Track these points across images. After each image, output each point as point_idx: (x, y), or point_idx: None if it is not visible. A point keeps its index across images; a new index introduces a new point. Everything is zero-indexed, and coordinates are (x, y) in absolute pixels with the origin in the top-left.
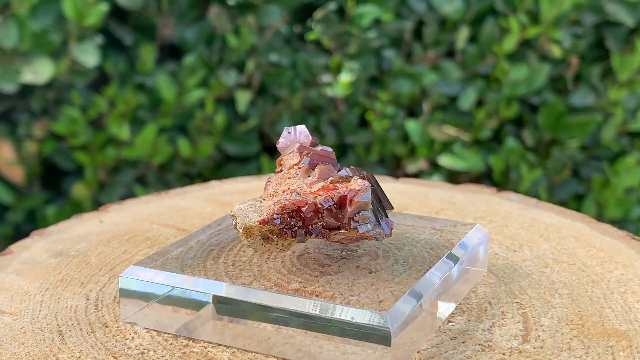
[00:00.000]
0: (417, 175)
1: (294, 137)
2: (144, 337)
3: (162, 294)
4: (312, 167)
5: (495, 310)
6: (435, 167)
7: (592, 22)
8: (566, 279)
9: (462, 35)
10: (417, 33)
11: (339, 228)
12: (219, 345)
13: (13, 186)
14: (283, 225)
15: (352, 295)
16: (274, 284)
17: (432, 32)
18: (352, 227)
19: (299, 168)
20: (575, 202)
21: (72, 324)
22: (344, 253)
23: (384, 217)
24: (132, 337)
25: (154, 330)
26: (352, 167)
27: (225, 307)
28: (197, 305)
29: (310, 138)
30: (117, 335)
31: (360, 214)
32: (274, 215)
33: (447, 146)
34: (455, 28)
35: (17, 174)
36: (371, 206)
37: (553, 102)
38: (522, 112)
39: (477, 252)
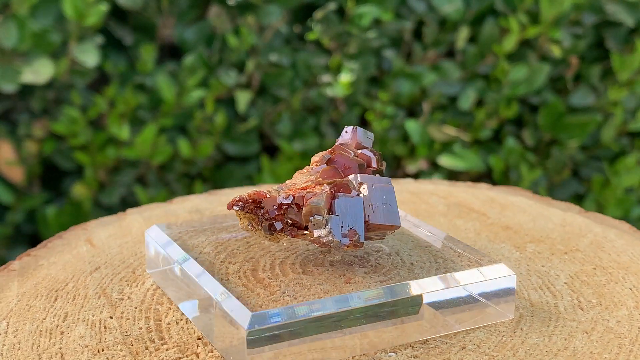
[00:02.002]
0: (417, 175)
1: (350, 137)
2: (144, 287)
3: (162, 258)
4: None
5: (456, 356)
6: (435, 167)
7: (592, 22)
8: (587, 349)
9: (462, 35)
10: (417, 33)
11: (306, 228)
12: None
13: (13, 186)
14: (258, 216)
15: (289, 296)
16: (251, 269)
17: (432, 32)
18: (310, 229)
19: (316, 165)
20: (575, 202)
21: (113, 264)
22: (322, 256)
23: (352, 229)
24: (135, 286)
25: (158, 286)
26: (373, 172)
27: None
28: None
29: (356, 139)
30: (129, 280)
31: (314, 217)
32: (234, 203)
33: (447, 146)
34: (455, 28)
35: (17, 174)
36: (335, 214)
37: (553, 102)
38: (522, 112)
39: (492, 292)
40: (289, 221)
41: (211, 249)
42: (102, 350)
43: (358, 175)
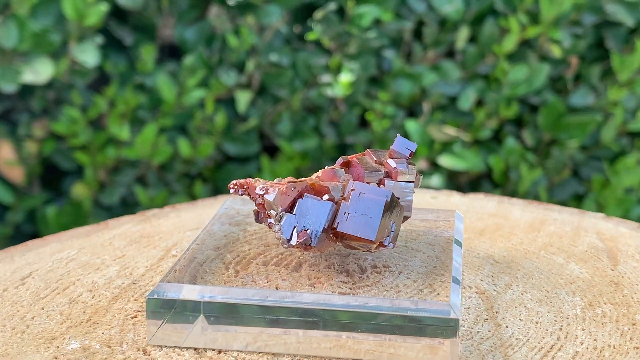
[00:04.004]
0: None
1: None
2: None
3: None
4: (344, 167)
5: None
6: (435, 167)
7: (592, 22)
8: None
9: (462, 35)
10: (417, 33)
11: None
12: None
13: (13, 186)
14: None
15: (243, 283)
16: (257, 254)
17: (432, 32)
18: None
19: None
20: (575, 202)
21: (211, 228)
22: (331, 259)
23: (305, 231)
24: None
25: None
26: (385, 185)
27: None
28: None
29: (392, 147)
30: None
31: (270, 212)
32: (231, 186)
33: (447, 146)
34: (455, 28)
35: (17, 174)
36: (292, 213)
37: (553, 102)
38: (522, 112)
39: (424, 330)
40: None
41: (255, 229)
42: (97, 289)
43: (356, 182)
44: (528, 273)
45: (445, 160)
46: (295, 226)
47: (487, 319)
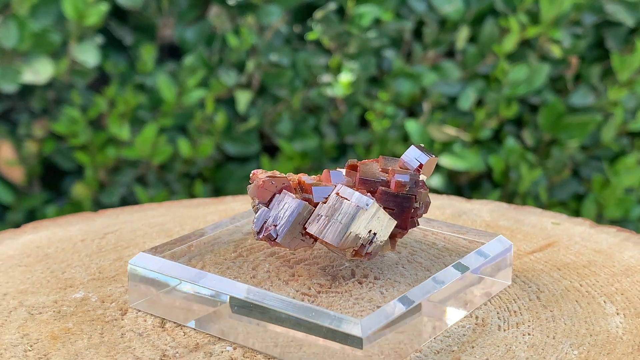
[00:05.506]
0: None
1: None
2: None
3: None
4: (351, 170)
5: None
6: (435, 168)
7: (592, 22)
8: None
9: (462, 35)
10: (417, 33)
11: None
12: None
13: (13, 186)
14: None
15: (228, 268)
16: (270, 244)
17: (432, 32)
18: None
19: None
20: (575, 202)
21: None
22: (333, 262)
23: (274, 226)
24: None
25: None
26: (380, 195)
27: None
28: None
29: (402, 157)
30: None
31: (252, 203)
32: (251, 174)
33: (447, 146)
34: (455, 28)
35: (17, 174)
36: (267, 207)
37: (553, 102)
38: (522, 112)
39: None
40: None
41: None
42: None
43: (343, 186)
44: (557, 316)
45: (445, 160)
46: (266, 220)
47: (453, 351)
